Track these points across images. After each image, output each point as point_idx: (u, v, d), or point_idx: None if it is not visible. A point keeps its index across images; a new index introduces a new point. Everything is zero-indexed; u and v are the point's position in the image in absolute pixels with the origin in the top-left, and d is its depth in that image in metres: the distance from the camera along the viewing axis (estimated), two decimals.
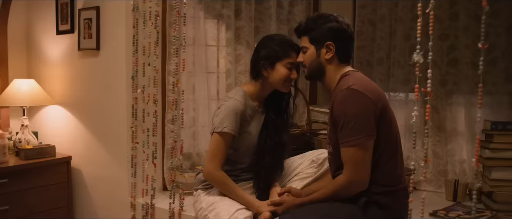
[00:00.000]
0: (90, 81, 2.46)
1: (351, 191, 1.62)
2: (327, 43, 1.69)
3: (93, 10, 2.38)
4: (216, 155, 1.81)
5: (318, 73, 1.75)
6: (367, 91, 1.58)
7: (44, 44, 2.72)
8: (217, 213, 1.76)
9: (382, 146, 1.61)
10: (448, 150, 2.52)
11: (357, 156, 1.57)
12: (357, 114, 1.56)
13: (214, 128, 1.83)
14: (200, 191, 1.92)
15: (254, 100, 1.91)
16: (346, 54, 1.73)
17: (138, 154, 2.25)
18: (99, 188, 2.50)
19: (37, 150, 2.47)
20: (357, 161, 1.58)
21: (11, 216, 2.31)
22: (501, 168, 2.10)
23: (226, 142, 1.81)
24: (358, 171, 1.59)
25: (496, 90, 2.40)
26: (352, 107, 1.57)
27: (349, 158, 1.59)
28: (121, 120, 2.30)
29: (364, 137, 1.55)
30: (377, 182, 1.61)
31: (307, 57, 1.76)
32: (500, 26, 2.35)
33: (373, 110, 1.57)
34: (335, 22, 1.72)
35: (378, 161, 1.61)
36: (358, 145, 1.56)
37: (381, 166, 1.62)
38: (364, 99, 1.57)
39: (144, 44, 2.21)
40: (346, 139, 1.58)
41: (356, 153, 1.57)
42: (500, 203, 2.07)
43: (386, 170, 1.63)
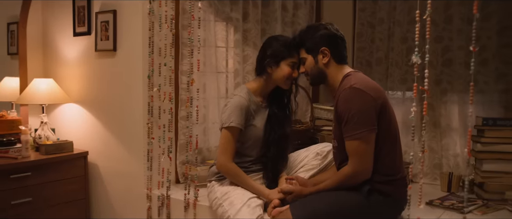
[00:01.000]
0: (107, 81, 2.60)
1: (355, 181, 1.78)
2: (322, 49, 1.86)
3: (110, 14, 2.52)
4: (226, 148, 1.97)
5: (320, 78, 1.92)
6: (369, 89, 1.75)
7: (61, 45, 2.85)
8: (231, 201, 1.92)
9: (382, 139, 1.78)
10: (443, 145, 2.69)
11: (360, 148, 1.74)
12: (360, 110, 1.73)
13: (222, 123, 1.99)
14: (214, 182, 2.07)
15: (258, 96, 2.07)
16: (341, 55, 1.90)
17: (154, 148, 2.40)
18: (115, 181, 2.64)
19: (56, 145, 2.61)
20: (361, 152, 1.74)
21: (33, 208, 2.45)
22: (492, 161, 2.27)
23: (234, 135, 1.97)
24: (362, 162, 1.75)
25: (488, 89, 2.57)
26: (355, 104, 1.73)
27: (354, 150, 1.76)
28: (137, 116, 2.44)
29: (366, 130, 1.72)
30: (379, 171, 1.78)
31: (307, 66, 1.93)
32: (491, 29, 2.52)
33: (374, 106, 1.73)
34: (324, 29, 1.89)
35: (379, 153, 1.77)
36: (362, 138, 1.72)
37: (382, 157, 1.78)
38: (366, 97, 1.73)
39: (160, 45, 2.36)
40: (350, 132, 1.74)
41: (360, 145, 1.73)
42: (491, 192, 2.24)
43: (387, 161, 1.80)
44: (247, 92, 2.04)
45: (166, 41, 2.36)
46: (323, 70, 1.89)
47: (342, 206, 1.79)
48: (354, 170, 1.77)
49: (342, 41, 1.91)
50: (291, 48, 2.00)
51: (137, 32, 2.41)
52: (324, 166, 2.12)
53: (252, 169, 2.08)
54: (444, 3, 2.63)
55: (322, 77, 1.91)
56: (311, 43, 1.88)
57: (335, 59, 1.88)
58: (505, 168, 2.24)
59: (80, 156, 2.69)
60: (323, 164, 2.12)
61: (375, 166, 1.77)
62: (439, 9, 2.61)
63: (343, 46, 1.92)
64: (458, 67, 2.61)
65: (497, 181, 2.25)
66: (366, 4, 2.99)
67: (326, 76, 1.90)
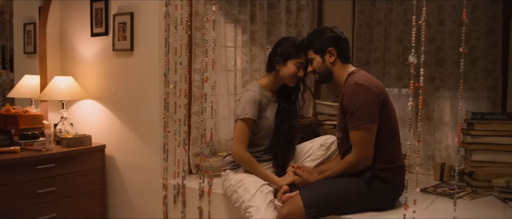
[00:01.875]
0: (124, 78, 2.78)
1: (359, 168, 1.99)
2: (329, 49, 2.08)
3: (128, 15, 2.70)
4: (241, 138, 2.17)
5: (327, 76, 2.13)
6: (372, 86, 1.96)
7: (78, 45, 3.03)
8: (245, 188, 2.12)
9: (383, 131, 1.99)
10: (436, 138, 2.91)
11: (363, 138, 1.94)
12: (363, 104, 1.93)
13: (237, 115, 2.18)
14: (228, 171, 2.26)
15: (268, 91, 2.27)
16: (345, 55, 2.11)
17: (170, 141, 2.58)
18: (132, 172, 2.82)
19: (76, 139, 2.79)
20: (364, 142, 1.95)
21: (57, 197, 2.63)
22: (480, 151, 2.48)
23: (248, 126, 2.17)
24: (364, 150, 1.96)
25: (477, 86, 2.79)
26: (359, 99, 1.94)
27: (357, 140, 1.96)
28: (154, 112, 2.63)
29: (369, 122, 1.93)
30: (379, 160, 1.99)
31: (315, 65, 2.14)
32: (479, 31, 2.74)
33: (377, 101, 1.94)
34: (330, 32, 2.11)
35: (380, 143, 1.98)
36: (365, 128, 1.93)
37: (383, 147, 1.99)
38: (369, 92, 1.94)
39: (176, 46, 2.55)
40: (354, 124, 1.95)
41: (363, 135, 1.94)
42: (479, 180, 2.45)
43: (387, 151, 2.01)
44: (259, 88, 2.24)
45: (181, 42, 2.55)
46: (329, 68, 2.09)
47: (346, 191, 1.99)
48: (357, 157, 1.97)
49: (346, 42, 2.12)
50: (299, 50, 2.19)
51: (154, 33, 2.59)
52: (327, 156, 2.32)
53: (264, 158, 2.28)
54: (437, 7, 2.84)
55: (328, 75, 2.12)
56: (319, 44, 2.09)
57: (341, 58, 2.08)
58: (492, 158, 2.45)
59: (98, 149, 2.87)
60: (326, 154, 2.32)
61: (376, 155, 1.98)
62: (433, 12, 2.82)
63: (347, 47, 2.12)
64: (450, 66, 2.82)
65: (485, 170, 2.46)
66: (365, 6, 3.20)
67: (332, 75, 2.11)
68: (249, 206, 2.04)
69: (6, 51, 3.24)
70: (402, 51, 3.03)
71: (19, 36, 3.31)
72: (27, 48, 3.31)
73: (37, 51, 3.22)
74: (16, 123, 2.70)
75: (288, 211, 1.94)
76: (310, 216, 1.93)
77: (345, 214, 1.98)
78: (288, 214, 1.94)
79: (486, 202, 2.23)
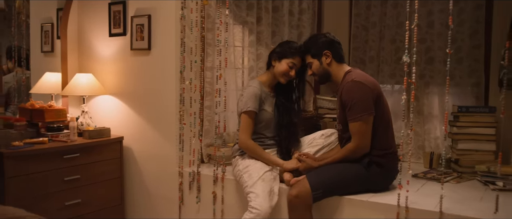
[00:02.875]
0: (142, 75, 3.01)
1: (358, 154, 2.26)
2: (324, 52, 2.36)
3: (145, 17, 2.94)
4: (246, 129, 2.45)
5: (325, 76, 2.42)
6: (367, 82, 2.24)
7: (97, 44, 3.25)
8: (250, 174, 2.38)
9: (378, 122, 2.26)
10: (426, 130, 3.20)
11: (362, 128, 2.22)
12: (360, 98, 2.21)
13: (241, 109, 2.46)
14: (237, 157, 2.53)
15: (266, 87, 2.55)
16: (339, 56, 2.40)
17: (185, 132, 2.84)
18: (148, 162, 3.06)
19: (97, 131, 3.02)
20: (362, 131, 2.23)
21: (81, 184, 2.86)
22: (465, 141, 2.78)
23: (251, 117, 2.45)
24: (362, 139, 2.24)
25: (462, 83, 3.08)
26: (357, 94, 2.22)
27: (356, 130, 2.24)
28: (170, 106, 2.87)
29: (366, 114, 2.20)
30: (375, 147, 2.26)
31: (314, 69, 2.42)
32: (464, 33, 3.03)
33: (371, 95, 2.22)
34: (324, 37, 2.41)
35: (375, 132, 2.26)
36: (362, 120, 2.21)
37: (378, 136, 2.27)
38: (365, 88, 2.22)
39: (191, 45, 2.80)
40: (353, 116, 2.22)
41: (361, 125, 2.22)
42: (464, 167, 2.74)
43: (382, 138, 2.28)
44: (258, 84, 2.51)
45: (196, 42, 2.80)
46: (327, 69, 2.38)
47: (347, 175, 2.27)
48: (357, 145, 2.25)
49: (339, 44, 2.41)
50: (295, 53, 2.46)
51: (170, 34, 2.83)
52: (327, 144, 2.58)
53: (267, 143, 2.54)
54: (426, 11, 3.12)
55: (327, 76, 2.40)
56: (315, 49, 2.38)
57: (336, 59, 2.37)
58: (476, 146, 2.75)
59: (116, 141, 3.10)
60: (326, 142, 2.58)
61: (372, 143, 2.26)
62: (423, 16, 3.10)
63: (340, 48, 2.41)
64: (438, 64, 3.11)
65: (469, 158, 2.75)
66: (361, 9, 3.48)
67: (330, 75, 2.39)
68: (250, 192, 2.30)
69: (22, 50, 3.45)
70: (395, 50, 3.31)
71: (35, 36, 3.52)
72: (44, 47, 3.53)
73: (54, 50, 3.45)
74: (42, 116, 2.92)
75: (296, 193, 2.21)
76: (316, 196, 2.20)
77: (346, 195, 2.26)
78: (296, 196, 2.20)
79: (470, 185, 2.52)
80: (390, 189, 2.34)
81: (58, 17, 3.43)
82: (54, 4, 3.43)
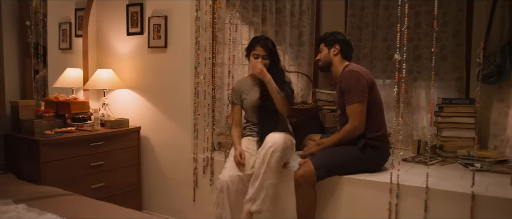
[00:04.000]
0: (158, 71, 3.31)
1: (354, 134, 2.60)
2: (335, 45, 2.70)
3: (162, 18, 3.24)
4: (231, 118, 2.83)
5: (327, 64, 2.76)
6: (362, 72, 2.59)
7: (115, 42, 3.55)
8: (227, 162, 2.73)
9: (371, 106, 2.61)
10: (414, 120, 3.56)
11: (357, 110, 2.57)
12: (356, 85, 2.56)
13: None
14: None
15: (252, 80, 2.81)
16: (347, 54, 2.75)
17: (200, 122, 3.15)
18: (165, 149, 3.37)
19: (118, 121, 3.32)
20: (357, 113, 2.57)
21: (105, 169, 3.16)
22: (448, 129, 3.13)
23: (233, 108, 2.82)
24: (358, 119, 2.58)
25: (446, 77, 3.44)
26: (353, 81, 2.57)
27: (352, 112, 2.58)
28: (185, 98, 3.18)
29: (361, 97, 2.55)
30: (369, 129, 2.60)
31: (322, 55, 2.76)
32: (448, 32, 3.39)
33: (366, 83, 2.57)
34: (340, 35, 2.75)
35: (369, 115, 2.60)
36: (358, 102, 2.55)
37: (371, 120, 2.61)
38: (360, 77, 2.57)
39: (205, 44, 3.11)
40: (350, 99, 2.57)
41: (357, 108, 2.56)
42: (447, 152, 3.10)
43: (374, 121, 2.63)
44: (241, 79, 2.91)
45: (209, 41, 3.11)
46: (331, 59, 2.73)
47: (346, 157, 2.61)
48: (353, 125, 2.59)
49: (349, 46, 2.76)
50: (255, 43, 2.72)
51: (186, 33, 3.14)
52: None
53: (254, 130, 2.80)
54: (414, 12, 3.47)
55: (329, 65, 2.75)
56: (330, 40, 2.73)
57: (342, 54, 2.71)
58: (458, 134, 3.11)
59: (134, 130, 3.41)
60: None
61: (367, 125, 2.60)
62: (411, 17, 3.45)
63: (349, 49, 2.76)
64: (425, 61, 3.46)
65: (452, 144, 3.11)
66: (355, 11, 3.82)
67: (331, 65, 2.74)
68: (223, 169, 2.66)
69: (39, 47, 3.71)
70: (386, 48, 3.66)
71: (53, 34, 3.79)
72: (62, 44, 3.78)
73: (72, 47, 3.72)
74: (68, 108, 3.21)
75: (302, 172, 2.54)
76: (319, 176, 2.53)
77: (345, 174, 2.59)
78: (302, 175, 2.53)
79: (452, 167, 2.87)
80: (383, 170, 2.68)
81: (76, 16, 3.71)
82: (72, 4, 3.70)
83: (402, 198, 2.39)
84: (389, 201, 2.42)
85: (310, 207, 2.54)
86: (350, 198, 2.55)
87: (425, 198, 2.32)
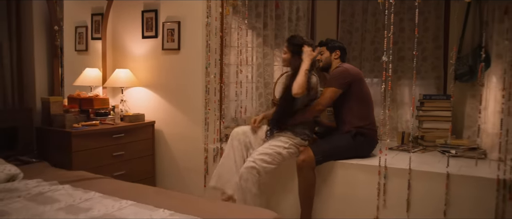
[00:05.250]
0: (172, 71, 3.70)
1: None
2: (336, 50, 3.14)
3: (175, 23, 3.62)
4: None
5: (327, 66, 3.20)
6: (349, 69, 3.04)
7: (130, 44, 3.92)
8: None
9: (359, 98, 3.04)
10: (398, 114, 4.00)
11: (327, 93, 3.00)
12: (338, 77, 3.02)
13: None
14: None
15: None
16: (344, 58, 3.19)
17: (210, 116, 3.54)
18: (177, 141, 3.75)
19: (135, 116, 3.69)
20: (327, 95, 3.00)
21: (125, 159, 3.53)
22: (428, 121, 3.58)
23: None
24: (324, 99, 3.00)
25: (426, 76, 3.90)
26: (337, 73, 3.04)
27: (325, 92, 3.01)
28: (197, 95, 3.56)
29: (336, 86, 2.98)
30: (357, 116, 3.03)
31: (324, 57, 3.20)
32: (428, 37, 3.84)
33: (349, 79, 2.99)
34: (339, 43, 3.21)
35: (359, 107, 3.03)
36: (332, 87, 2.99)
37: (361, 110, 3.05)
38: (345, 72, 3.03)
39: (215, 47, 3.51)
40: (328, 84, 3.02)
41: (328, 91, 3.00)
42: (427, 141, 3.55)
43: (362, 111, 3.06)
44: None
45: (219, 44, 3.51)
46: (331, 61, 3.17)
47: (340, 144, 3.04)
48: (319, 101, 3.02)
49: (345, 52, 3.23)
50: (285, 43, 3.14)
51: (197, 37, 3.53)
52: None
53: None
54: (398, 19, 3.92)
55: (328, 66, 3.19)
56: (331, 46, 3.19)
57: (340, 58, 3.17)
58: (436, 126, 3.55)
59: (149, 124, 3.78)
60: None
61: (357, 115, 3.03)
62: (396, 23, 3.88)
63: (345, 54, 3.24)
64: (408, 62, 3.91)
65: (431, 134, 3.56)
66: (346, 17, 4.26)
67: (330, 66, 3.17)
68: None
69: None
70: (374, 50, 4.10)
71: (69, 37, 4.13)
72: (78, 46, 4.14)
73: (88, 49, 4.08)
74: (91, 104, 3.57)
75: (303, 158, 2.95)
76: (318, 160, 2.95)
77: (339, 159, 3.02)
78: (303, 160, 2.94)
79: (432, 154, 3.31)
80: (371, 157, 3.11)
81: (93, 21, 4.06)
82: (89, 10, 4.05)
83: (389, 179, 2.83)
84: (378, 182, 2.84)
85: (310, 187, 2.95)
86: (344, 179, 2.98)
87: (409, 178, 2.75)
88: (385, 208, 2.84)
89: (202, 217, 2.08)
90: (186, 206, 2.27)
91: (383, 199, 2.84)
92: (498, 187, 2.52)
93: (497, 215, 2.51)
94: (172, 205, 2.25)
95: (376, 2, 2.86)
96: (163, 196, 2.47)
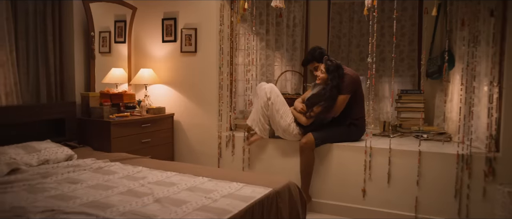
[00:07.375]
0: (190, 70, 4.32)
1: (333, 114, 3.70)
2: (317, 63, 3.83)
3: (193, 30, 4.26)
4: None
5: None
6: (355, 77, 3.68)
7: (151, 47, 4.53)
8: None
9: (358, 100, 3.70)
10: (380, 106, 4.72)
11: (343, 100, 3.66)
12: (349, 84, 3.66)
13: None
14: None
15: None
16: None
17: (223, 108, 4.19)
18: (194, 130, 4.38)
19: (158, 109, 4.30)
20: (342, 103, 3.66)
21: (151, 145, 4.14)
22: (405, 112, 4.29)
23: None
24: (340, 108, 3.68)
25: (403, 74, 4.61)
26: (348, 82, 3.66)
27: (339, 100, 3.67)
28: (212, 90, 4.20)
29: (348, 93, 3.67)
30: (354, 113, 3.71)
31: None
32: (405, 41, 4.57)
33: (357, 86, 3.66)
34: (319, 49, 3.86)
35: (354, 104, 3.71)
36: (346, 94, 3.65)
37: (355, 106, 3.71)
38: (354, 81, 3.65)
39: (227, 49, 4.16)
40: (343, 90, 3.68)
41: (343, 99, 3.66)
42: (405, 128, 4.26)
43: (359, 110, 3.73)
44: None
45: (230, 48, 4.16)
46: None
47: (336, 131, 3.71)
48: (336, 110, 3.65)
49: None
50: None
51: (212, 41, 4.17)
52: None
53: None
54: (380, 26, 4.64)
55: None
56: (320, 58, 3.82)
57: None
58: (411, 115, 4.26)
59: (169, 116, 4.40)
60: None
61: (354, 111, 3.70)
62: (377, 30, 4.58)
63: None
64: (388, 62, 4.63)
65: (408, 123, 4.27)
66: (335, 24, 4.95)
67: None
68: None
69: None
70: (359, 53, 4.81)
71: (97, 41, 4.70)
72: (101, 49, 4.72)
73: (111, 51, 4.66)
74: (121, 98, 4.17)
75: (305, 141, 3.63)
76: (317, 143, 3.63)
77: (334, 142, 3.70)
78: (305, 143, 3.62)
79: (408, 139, 4.02)
80: (360, 141, 3.80)
81: (116, 27, 4.65)
82: (112, 17, 4.64)
83: (373, 156, 3.52)
84: (365, 159, 3.54)
85: (310, 165, 3.64)
86: (338, 158, 3.67)
87: (389, 156, 3.45)
88: (370, 180, 3.53)
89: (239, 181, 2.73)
90: (217, 174, 2.92)
91: (369, 173, 3.53)
92: (458, 160, 3.24)
93: (457, 181, 3.23)
94: (207, 174, 2.89)
95: (361, 12, 3.54)
96: (197, 169, 3.11)
